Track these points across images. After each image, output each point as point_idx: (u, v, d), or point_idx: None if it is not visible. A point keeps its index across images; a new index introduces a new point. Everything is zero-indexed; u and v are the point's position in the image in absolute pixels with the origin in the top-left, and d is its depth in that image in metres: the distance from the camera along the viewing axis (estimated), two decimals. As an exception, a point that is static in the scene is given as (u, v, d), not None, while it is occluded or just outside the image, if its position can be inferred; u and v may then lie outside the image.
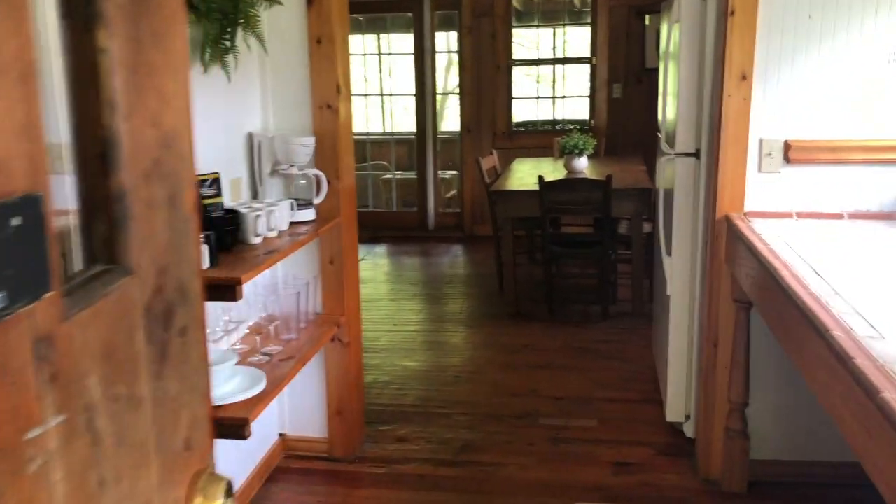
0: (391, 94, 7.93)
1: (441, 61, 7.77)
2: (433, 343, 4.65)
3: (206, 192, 2.52)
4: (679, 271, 3.19)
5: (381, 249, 7.19)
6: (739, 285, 2.75)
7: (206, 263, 2.26)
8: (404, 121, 7.93)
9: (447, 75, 8.08)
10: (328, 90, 3.02)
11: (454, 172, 8.09)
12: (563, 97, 7.38)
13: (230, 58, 2.60)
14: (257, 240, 2.62)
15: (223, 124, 2.77)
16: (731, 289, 2.87)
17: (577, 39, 7.32)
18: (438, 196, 7.82)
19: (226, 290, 2.22)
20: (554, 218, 5.15)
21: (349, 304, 3.23)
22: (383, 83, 7.90)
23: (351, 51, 7.86)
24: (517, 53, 7.32)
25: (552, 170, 5.73)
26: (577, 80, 7.31)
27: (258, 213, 2.61)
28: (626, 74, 7.00)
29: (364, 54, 7.85)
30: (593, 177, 5.29)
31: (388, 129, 8.07)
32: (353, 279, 3.29)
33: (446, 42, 7.83)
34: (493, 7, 7.13)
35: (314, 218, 3.00)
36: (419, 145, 7.68)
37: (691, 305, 3.22)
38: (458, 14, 7.27)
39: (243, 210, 2.63)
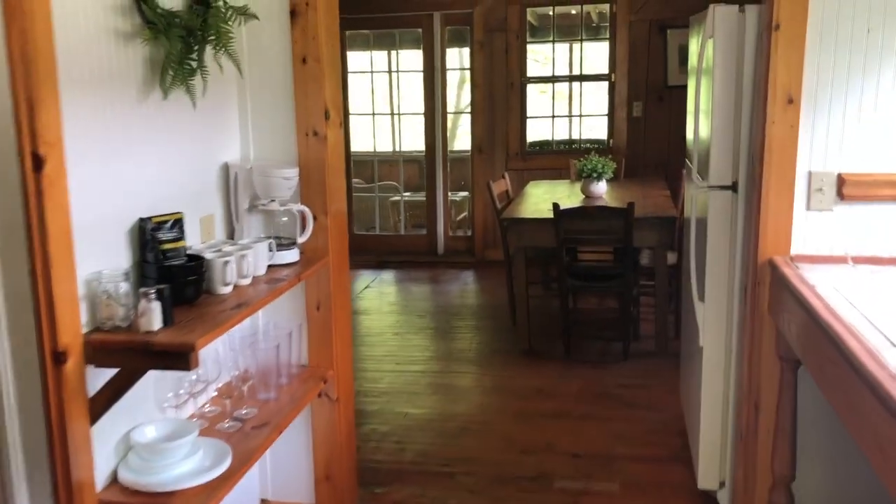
0: (399, 114, 7.59)
1: (452, 78, 7.44)
2: (439, 386, 4.28)
3: (165, 236, 2.17)
4: (713, 320, 2.81)
5: (387, 276, 6.83)
6: (785, 340, 2.37)
7: (156, 323, 1.90)
8: (414, 140, 7.60)
9: (459, 93, 7.75)
10: (314, 115, 2.67)
11: (465, 194, 7.74)
12: (580, 116, 7.01)
13: (196, 80, 2.25)
14: (226, 289, 2.27)
15: (191, 155, 2.42)
16: (776, 343, 2.48)
17: (595, 55, 6.96)
18: (448, 219, 7.47)
19: (177, 359, 1.87)
20: (570, 247, 4.77)
21: (339, 356, 2.87)
22: (392, 101, 7.57)
23: (359, 68, 7.62)
24: (531, 70, 6.97)
25: (568, 194, 5.37)
26: (595, 98, 6.94)
27: (227, 258, 2.25)
28: (646, 92, 6.63)
29: (372, 72, 7.53)
30: (613, 202, 4.92)
31: (397, 149, 7.74)
32: (344, 326, 2.93)
33: (458, 58, 7.51)
34: (507, 22, 6.80)
35: (298, 259, 2.64)
36: (429, 165, 7.34)
37: (727, 359, 2.83)
38: (470, 29, 6.94)
39: (209, 255, 2.28)
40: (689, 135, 3.40)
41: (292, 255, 2.62)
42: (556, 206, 4.36)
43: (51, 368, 1.79)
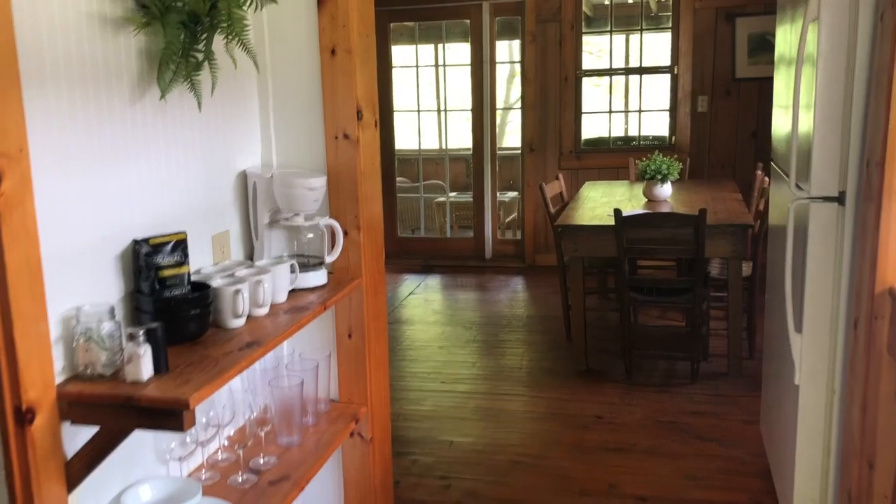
0: (446, 110, 7.22)
1: (502, 72, 7.04)
2: (487, 410, 3.90)
3: (164, 261, 1.83)
4: (813, 356, 2.37)
5: (433, 281, 6.47)
6: (911, 387, 1.93)
7: (144, 372, 1.56)
8: (461, 137, 7.22)
9: (509, 87, 7.35)
10: (345, 115, 2.31)
11: (514, 194, 7.35)
12: (640, 111, 6.55)
13: (203, 75, 1.91)
14: (238, 322, 1.92)
15: (200, 164, 2.09)
16: (896, 390, 2.05)
17: (656, 46, 6.48)
18: (496, 221, 7.07)
19: (168, 417, 1.52)
20: (633, 258, 4.33)
21: (374, 390, 2.51)
22: (439, 97, 7.21)
23: (403, 62, 7.28)
24: (587, 63, 6.53)
25: (629, 197, 4.93)
26: (656, 92, 6.47)
27: (239, 286, 1.91)
28: (712, 86, 6.13)
29: (417, 66, 7.18)
30: (679, 207, 4.48)
31: (443, 146, 7.37)
32: (380, 356, 2.57)
33: (508, 51, 7.10)
34: (561, 11, 6.36)
35: (325, 282, 2.29)
36: (476, 164, 6.96)
37: (829, 401, 2.39)
38: (521, 20, 6.52)
39: (218, 282, 1.94)
40: (778, 132, 2.96)
41: (319, 278, 2.27)
42: (617, 212, 3.94)
43: (13, 430, 1.46)
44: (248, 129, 2.32)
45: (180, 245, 1.88)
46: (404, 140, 7.34)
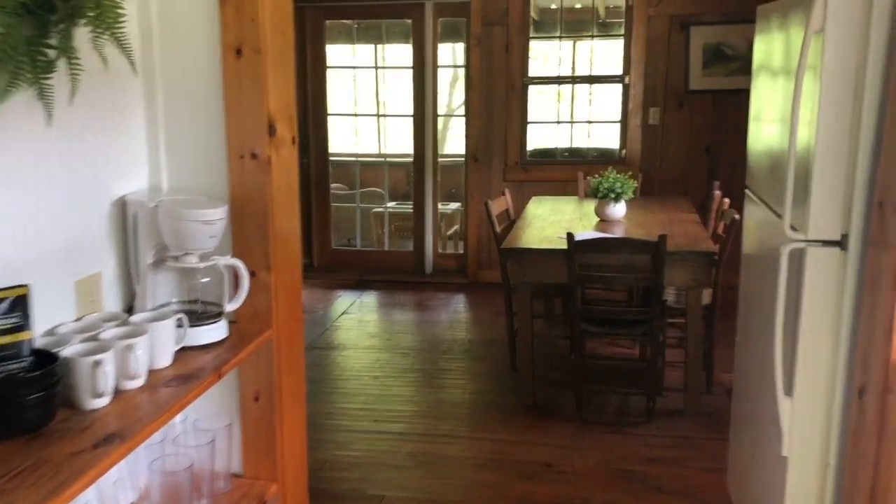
0: (384, 115, 6.79)
1: (445, 77, 6.65)
2: (424, 456, 3.48)
3: (-6, 326, 1.37)
4: (805, 424, 2.03)
5: (369, 298, 6.03)
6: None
7: (-60, 500, 1.10)
8: (401, 143, 6.80)
9: (451, 93, 6.96)
10: (253, 130, 1.88)
11: (457, 205, 6.96)
12: (589, 122, 6.23)
13: (60, 78, 1.46)
14: (100, 402, 1.47)
15: (64, 189, 1.62)
16: (912, 475, 1.71)
17: (608, 55, 6.17)
18: (438, 233, 6.67)
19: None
20: (584, 285, 3.96)
21: (287, 463, 2.07)
22: (378, 100, 6.77)
23: (340, 63, 6.82)
24: (535, 69, 6.18)
25: (579, 216, 4.59)
26: (607, 102, 6.16)
27: (100, 355, 1.45)
28: (665, 97, 5.85)
29: (355, 67, 6.73)
30: (634, 228, 4.15)
31: (383, 151, 6.93)
32: (295, 422, 2.13)
33: (452, 55, 6.71)
34: (508, 15, 6.00)
35: (226, 336, 1.85)
36: (417, 173, 6.54)
37: (822, 476, 2.05)
38: (466, 22, 6.14)
39: (71, 351, 1.48)
40: (758, 156, 2.62)
41: (217, 332, 1.83)
42: (569, 235, 3.57)
43: None
44: (128, 146, 1.86)
45: (19, 303, 1.42)
46: (340, 144, 6.89)
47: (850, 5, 1.82)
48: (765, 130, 2.50)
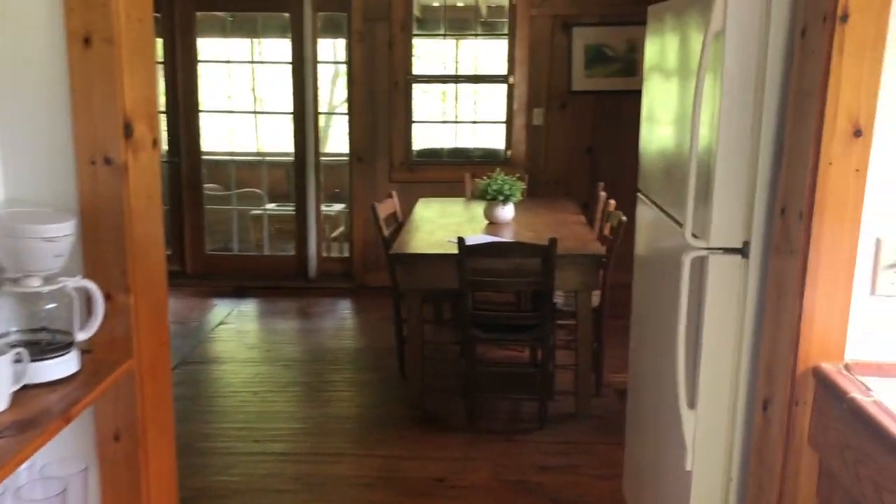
0: (262, 112, 6.48)
1: (325, 73, 6.41)
2: (310, 478, 3.27)
3: None
4: (709, 437, 1.98)
5: (248, 307, 5.72)
6: (839, 484, 1.57)
7: None
8: (280, 141, 6.50)
9: (332, 90, 6.74)
10: (106, 131, 1.63)
11: (341, 207, 6.73)
12: (474, 122, 6.15)
13: None
14: None
15: None
16: (817, 487, 1.68)
17: (493, 54, 6.11)
18: (321, 236, 6.42)
19: None
20: (475, 290, 3.84)
21: (153, 507, 1.83)
22: (255, 97, 6.45)
23: (213, 57, 6.45)
24: (419, 68, 6.04)
25: (467, 218, 4.48)
26: (492, 102, 6.10)
27: None
28: (548, 98, 5.84)
29: (230, 62, 6.38)
30: (521, 230, 4.09)
31: (260, 149, 6.61)
32: (163, 462, 1.89)
33: (333, 50, 6.48)
34: (391, 10, 5.83)
35: (78, 369, 1.60)
36: (298, 173, 6.27)
37: (725, 489, 2.01)
38: (347, 17, 5.92)
39: None
40: (651, 159, 2.57)
41: (65, 366, 1.57)
42: (460, 240, 3.45)
43: None
44: (-50, 148, 1.57)
45: None
46: (214, 143, 6.52)
47: (749, 6, 1.77)
48: (658, 133, 2.46)
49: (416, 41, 5.96)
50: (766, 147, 1.81)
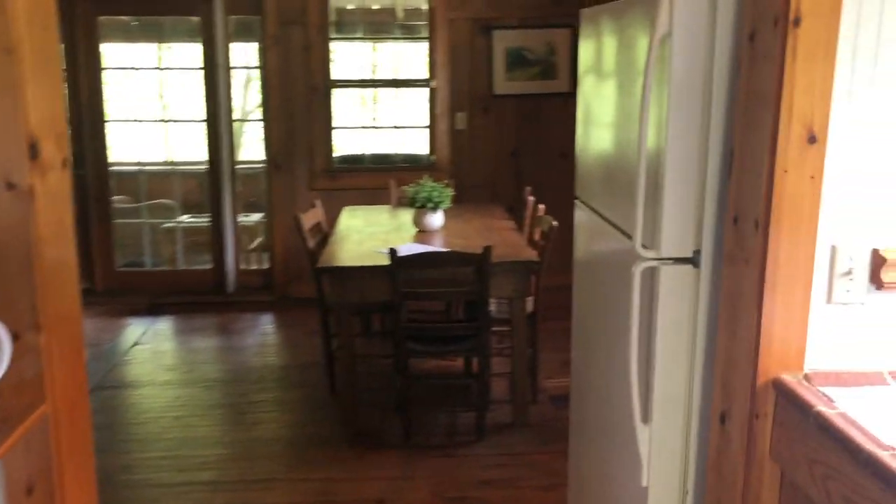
0: (172, 121, 6.20)
1: (237, 78, 6.17)
2: (241, 507, 3.10)
3: None
4: (664, 452, 1.93)
5: (164, 325, 5.44)
6: (807, 498, 1.54)
7: None
8: (193, 150, 6.23)
9: (245, 95, 6.50)
10: (9, 152, 1.45)
11: (259, 216, 6.50)
12: (397, 127, 6.03)
13: None
14: None
15: None
16: (781, 499, 1.65)
17: (413, 58, 6.02)
18: (239, 248, 6.19)
19: None
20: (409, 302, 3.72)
21: (74, 567, 1.65)
22: (164, 104, 6.16)
23: (119, 63, 6.12)
24: (338, 72, 5.88)
25: (396, 227, 4.37)
26: (414, 106, 6.00)
27: None
28: (471, 101, 5.79)
29: (135, 68, 6.08)
30: (451, 238, 4.01)
31: (171, 158, 6.32)
32: (83, 513, 1.71)
33: (245, 55, 6.25)
34: (306, 13, 5.66)
35: (-18, 421, 1.41)
36: (212, 182, 6.02)
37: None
38: (261, 21, 5.72)
39: None
40: (588, 163, 2.52)
41: (-33, 418, 1.39)
42: (392, 251, 3.34)
43: None
44: None
45: None
46: (122, 153, 6.19)
47: (695, 10, 1.72)
48: (598, 139, 2.40)
49: (333, 45, 5.81)
50: (714, 153, 1.77)
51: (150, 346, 4.99)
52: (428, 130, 5.88)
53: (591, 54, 2.50)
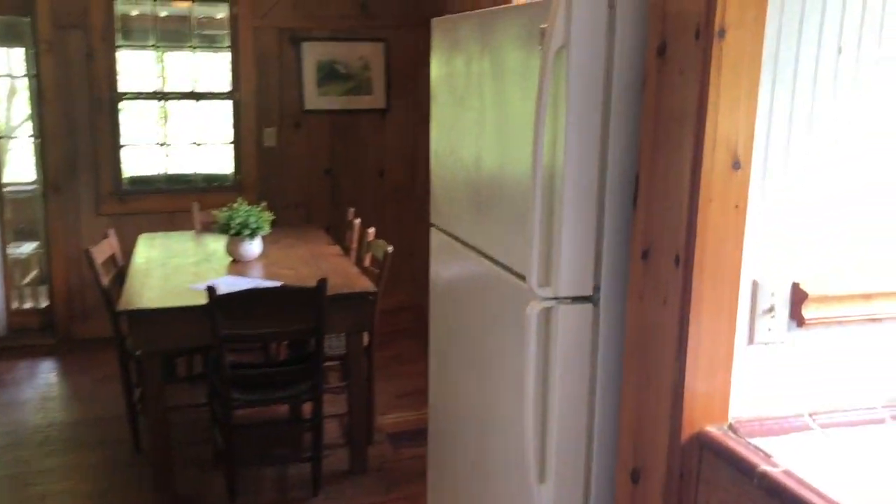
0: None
1: (2, 88, 5.33)
2: None
3: None
4: (568, 514, 1.71)
5: (-86, 381, 4.51)
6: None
7: None
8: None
9: (10, 108, 5.65)
10: None
11: (34, 246, 5.64)
12: (197, 144, 5.46)
13: None
14: None
15: None
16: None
17: (214, 69, 5.49)
18: (10, 284, 5.31)
19: None
20: (232, 346, 3.27)
21: None
22: None
23: None
24: (127, 84, 5.23)
25: (205, 256, 3.89)
26: (216, 122, 5.47)
27: None
28: (281, 117, 5.38)
29: None
30: (274, 268, 3.62)
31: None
32: None
33: (9, 62, 5.40)
34: (88, 17, 4.97)
35: None
36: (-27, 210, 5.13)
37: (585, 570, 1.75)
38: (32, 23, 4.95)
39: None
40: (450, 187, 2.27)
41: None
42: (210, 289, 2.89)
43: None
44: None
45: None
46: None
47: (593, 21, 1.53)
48: (461, 162, 2.16)
49: (122, 53, 5.16)
50: (613, 179, 1.59)
51: None
52: (233, 147, 5.38)
53: (445, 68, 2.26)
